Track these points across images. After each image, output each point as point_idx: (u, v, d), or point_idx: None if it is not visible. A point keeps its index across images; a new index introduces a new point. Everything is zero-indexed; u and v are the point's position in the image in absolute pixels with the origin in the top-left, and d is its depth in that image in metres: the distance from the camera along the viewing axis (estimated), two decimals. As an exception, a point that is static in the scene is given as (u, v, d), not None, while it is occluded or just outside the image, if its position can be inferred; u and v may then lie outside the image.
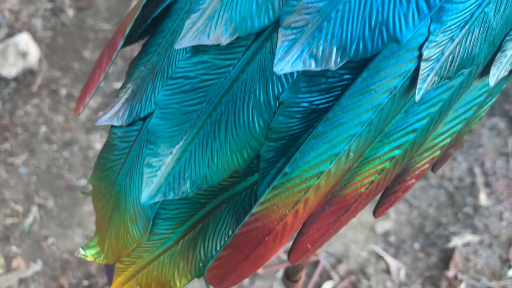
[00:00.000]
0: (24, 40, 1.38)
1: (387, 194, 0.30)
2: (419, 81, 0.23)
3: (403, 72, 0.23)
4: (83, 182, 1.21)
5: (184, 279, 0.30)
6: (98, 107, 1.33)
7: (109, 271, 0.52)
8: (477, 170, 1.22)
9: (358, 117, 0.24)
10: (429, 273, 1.08)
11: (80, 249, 0.33)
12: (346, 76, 0.23)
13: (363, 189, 0.27)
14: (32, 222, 1.15)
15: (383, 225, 1.15)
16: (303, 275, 0.58)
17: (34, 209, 1.17)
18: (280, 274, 1.08)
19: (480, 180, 1.20)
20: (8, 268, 1.09)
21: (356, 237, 1.14)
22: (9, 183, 1.21)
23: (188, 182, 0.26)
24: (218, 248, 0.29)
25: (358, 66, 0.23)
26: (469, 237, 1.12)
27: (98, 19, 1.49)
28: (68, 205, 1.18)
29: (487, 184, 1.20)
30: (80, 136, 1.28)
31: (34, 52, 1.39)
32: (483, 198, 1.17)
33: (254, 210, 0.25)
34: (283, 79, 0.24)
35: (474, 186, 1.19)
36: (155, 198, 0.27)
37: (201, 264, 0.29)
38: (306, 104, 0.24)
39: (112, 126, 0.32)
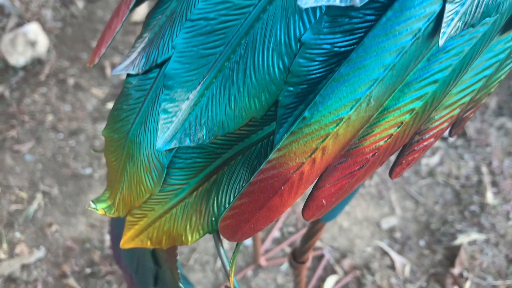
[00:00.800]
0: (33, 29, 1.38)
1: (405, 153, 0.30)
2: (443, 25, 0.23)
3: (427, 14, 0.23)
4: (88, 171, 1.21)
5: (196, 233, 0.29)
6: (105, 98, 1.33)
7: (113, 234, 0.51)
8: (484, 169, 1.21)
9: (381, 59, 0.23)
10: (434, 270, 1.07)
11: (91, 202, 0.33)
12: (369, 17, 0.23)
13: (381, 142, 0.27)
14: (37, 209, 1.15)
15: (389, 221, 1.14)
16: (310, 256, 0.57)
17: (39, 196, 1.17)
18: (284, 267, 1.07)
19: (487, 179, 1.19)
20: (11, 254, 1.09)
21: (362, 233, 1.13)
22: (14, 170, 1.21)
23: (205, 128, 0.26)
24: (231, 201, 0.28)
25: (383, 6, 0.23)
26: (475, 236, 1.11)
27: (108, 11, 1.49)
28: (73, 193, 1.18)
29: (494, 183, 1.19)
30: (86, 126, 1.28)
31: (43, 42, 1.39)
32: (490, 197, 1.16)
33: (271, 157, 0.25)
34: (305, 19, 0.23)
35: (481, 185, 1.18)
36: (170, 145, 0.27)
37: (213, 218, 0.29)
38: (328, 46, 0.23)
39: (128, 76, 0.32)
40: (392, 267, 1.08)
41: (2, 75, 1.37)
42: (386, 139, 0.27)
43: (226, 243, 1.10)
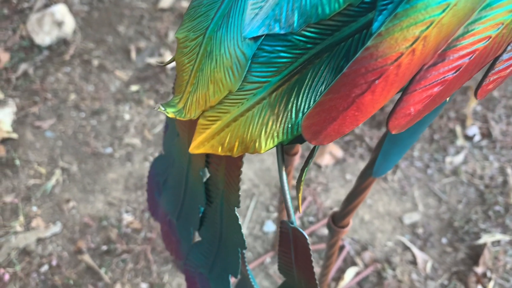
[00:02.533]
0: (60, 10, 1.39)
1: (494, 67, 0.28)
2: None
3: None
4: (108, 150, 1.20)
5: (271, 141, 0.28)
6: (129, 80, 1.32)
7: (153, 182, 0.50)
8: (509, 171, 1.19)
9: None
10: (457, 268, 1.05)
11: (160, 105, 0.31)
12: None
13: (479, 44, 0.25)
14: (55, 184, 1.14)
15: (411, 216, 1.12)
16: (351, 221, 0.55)
17: (58, 172, 1.16)
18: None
19: (512, 180, 1.17)
20: (27, 227, 1.08)
21: (383, 227, 1.11)
22: (34, 146, 1.20)
23: (296, 13, 0.25)
24: (311, 106, 0.27)
25: None
26: (499, 236, 1.08)
27: (135, -2, 1.50)
28: (92, 171, 1.16)
29: (519, 186, 1.16)
30: (109, 106, 1.27)
31: (69, 23, 1.40)
32: (515, 199, 1.14)
33: (369, 43, 0.24)
34: None
35: (506, 186, 1.16)
36: (258, 31, 0.25)
37: (290, 125, 0.27)
38: None
39: None
40: (413, 262, 1.05)
41: (27, 53, 1.37)
42: (484, 41, 0.26)
43: (244, 228, 1.08)
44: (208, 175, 0.39)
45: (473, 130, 1.26)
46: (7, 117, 1.23)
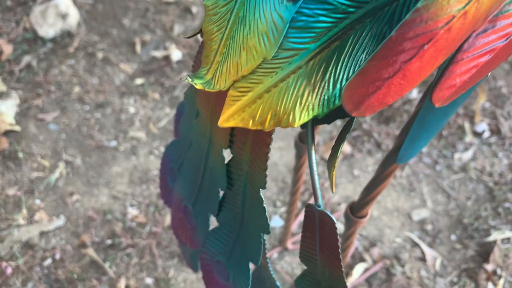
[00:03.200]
0: (64, 2, 1.37)
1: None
2: None
3: None
4: (113, 143, 1.18)
5: (305, 113, 0.26)
6: (134, 73, 1.31)
7: (165, 168, 0.48)
8: (519, 168, 1.17)
9: None
10: (466, 266, 1.03)
11: (187, 76, 0.30)
12: None
13: (532, 10, 0.24)
14: (58, 177, 1.12)
15: (420, 213, 1.10)
16: (369, 212, 0.54)
17: (61, 165, 1.14)
18: (310, 251, 1.04)
19: (521, 178, 1.16)
20: (30, 220, 1.06)
21: (392, 223, 1.09)
22: (37, 138, 1.18)
23: None
24: (350, 76, 0.25)
25: None
26: (509, 234, 1.07)
27: (140, -9, 1.48)
28: (96, 164, 1.15)
29: (529, 183, 1.15)
30: (113, 99, 1.26)
31: (73, 15, 1.38)
32: (524, 196, 1.12)
33: (420, 4, 0.22)
34: None
35: (516, 183, 1.15)
36: None
37: (326, 97, 0.26)
38: None
39: None
40: (422, 259, 1.04)
41: (31, 45, 1.35)
42: (538, 6, 0.24)
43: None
44: (229, 157, 0.37)
45: (482, 126, 1.24)
46: (10, 109, 1.22)
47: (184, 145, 0.46)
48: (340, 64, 0.26)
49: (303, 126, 0.37)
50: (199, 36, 1.38)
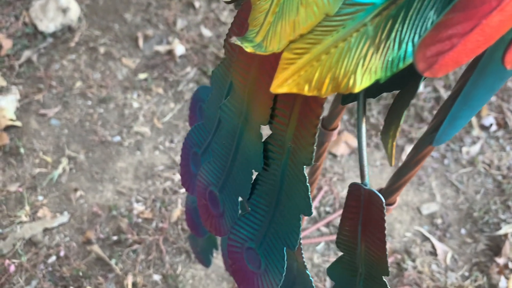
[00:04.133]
0: (65, -4, 1.35)
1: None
2: None
3: None
4: (117, 138, 1.15)
5: (367, 77, 0.24)
6: (137, 68, 1.28)
7: (186, 156, 0.46)
8: (527, 161, 1.17)
9: None
10: (477, 260, 1.02)
11: (235, 38, 0.28)
12: None
13: None
14: (61, 173, 1.10)
15: (429, 207, 1.09)
16: (398, 199, 0.52)
17: (64, 161, 1.11)
18: (320, 246, 1.02)
19: (530, 171, 1.15)
20: (33, 217, 1.03)
21: (402, 217, 1.08)
22: (39, 134, 1.16)
23: None
24: (416, 38, 0.24)
25: None
26: (519, 227, 1.06)
27: (141, -15, 1.46)
28: (100, 160, 1.12)
29: (537, 176, 1.14)
30: (116, 94, 1.23)
31: (74, 9, 1.36)
32: (533, 189, 1.12)
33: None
34: None
35: (525, 177, 1.14)
36: None
37: (390, 59, 0.24)
38: None
39: None
40: (433, 253, 1.03)
41: (30, 40, 1.32)
42: None
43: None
44: (266, 135, 0.36)
45: (489, 120, 1.23)
46: (10, 105, 1.19)
47: (209, 127, 0.45)
48: (407, 22, 0.24)
49: (345, 100, 0.35)
50: (203, 30, 1.36)
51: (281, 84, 0.25)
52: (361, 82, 0.24)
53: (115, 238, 1.01)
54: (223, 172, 0.42)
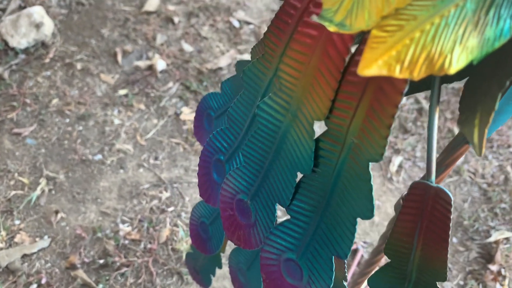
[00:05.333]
0: (38, 11, 1.30)
1: None
2: None
3: None
4: (98, 157, 1.10)
5: (463, 56, 0.22)
6: (116, 84, 1.24)
7: (206, 186, 0.43)
8: (509, 168, 1.19)
9: None
10: (471, 268, 1.02)
11: (314, 16, 0.25)
12: None
13: None
14: (40, 195, 1.03)
15: (420, 217, 1.09)
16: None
17: (43, 181, 1.05)
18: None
19: (513, 178, 1.17)
20: (10, 243, 0.96)
21: (394, 228, 1.07)
22: (13, 154, 1.09)
23: None
24: None
25: None
26: (508, 234, 1.07)
27: (117, 1, 1.42)
28: (81, 179, 1.07)
29: (520, 183, 1.17)
30: (96, 111, 1.18)
31: (48, 25, 1.30)
32: (518, 196, 1.14)
33: None
34: None
35: (508, 183, 1.16)
36: None
37: (487, 37, 0.22)
38: None
39: None
40: (428, 263, 1.02)
41: (1, 57, 1.26)
42: None
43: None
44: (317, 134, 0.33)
45: (471, 130, 1.26)
46: (-19, 124, 1.12)
47: (236, 131, 0.42)
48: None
49: (419, 87, 0.33)
50: (183, 44, 1.32)
51: (370, 65, 0.23)
52: (457, 62, 0.23)
53: (101, 261, 0.95)
54: (257, 177, 0.39)
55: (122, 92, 1.22)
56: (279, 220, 0.52)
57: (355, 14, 0.24)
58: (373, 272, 0.40)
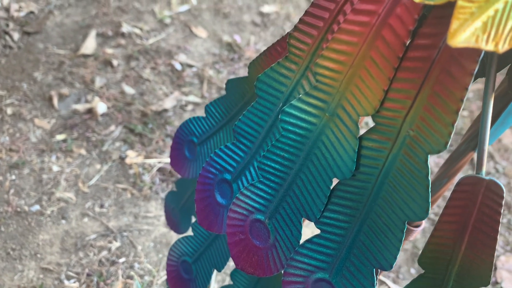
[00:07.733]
0: (-39, 53, 1.19)
1: None
2: None
3: None
4: (35, 208, 0.99)
5: None
6: (53, 129, 1.15)
7: (207, 211, 0.40)
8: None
9: None
10: None
11: None
12: None
13: None
14: (-34, 255, 0.90)
15: (378, 250, 1.09)
16: (423, 222, 0.49)
17: (-31, 239, 0.92)
18: None
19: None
20: None
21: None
22: None
23: None
24: None
25: None
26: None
27: (48, 43, 1.35)
28: (17, 233, 0.95)
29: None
30: (30, 158, 1.08)
31: (-27, 67, 1.19)
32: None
33: None
34: None
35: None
36: None
37: None
38: None
39: None
40: (391, 296, 1.02)
41: None
42: None
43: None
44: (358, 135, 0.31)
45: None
46: None
47: (245, 146, 0.39)
48: None
49: (477, 73, 0.32)
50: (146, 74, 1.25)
51: (457, 36, 0.22)
52: None
53: (44, 326, 0.83)
54: (277, 192, 0.36)
55: (60, 137, 1.13)
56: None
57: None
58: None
